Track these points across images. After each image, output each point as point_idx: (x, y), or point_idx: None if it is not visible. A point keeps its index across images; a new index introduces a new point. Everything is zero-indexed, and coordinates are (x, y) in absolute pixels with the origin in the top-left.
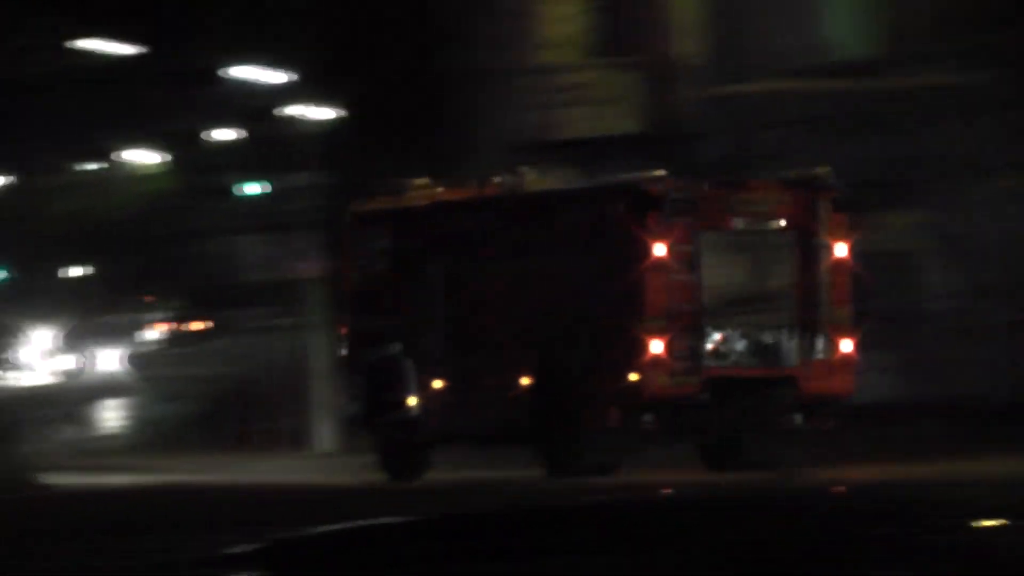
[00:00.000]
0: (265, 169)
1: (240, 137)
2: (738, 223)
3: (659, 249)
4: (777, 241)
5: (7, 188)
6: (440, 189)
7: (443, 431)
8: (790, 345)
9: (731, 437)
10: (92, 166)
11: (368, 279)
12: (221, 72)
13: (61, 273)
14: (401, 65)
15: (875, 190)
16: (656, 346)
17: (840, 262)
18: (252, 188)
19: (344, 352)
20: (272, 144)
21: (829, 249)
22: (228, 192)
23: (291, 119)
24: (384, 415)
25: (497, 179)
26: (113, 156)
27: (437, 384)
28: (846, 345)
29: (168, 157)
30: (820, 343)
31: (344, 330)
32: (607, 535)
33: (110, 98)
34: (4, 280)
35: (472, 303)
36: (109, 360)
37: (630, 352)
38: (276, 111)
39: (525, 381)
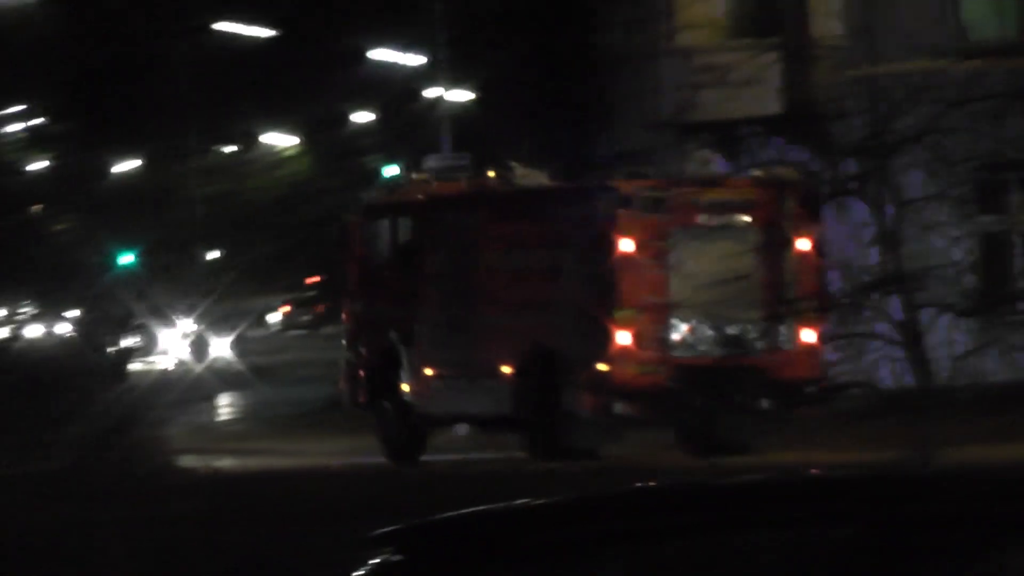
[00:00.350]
0: (402, 151)
1: (378, 119)
2: (705, 219)
3: (628, 245)
4: (743, 236)
5: (146, 170)
6: (435, 183)
7: (434, 416)
8: (756, 335)
9: (705, 423)
10: (231, 149)
11: (369, 269)
12: (359, 55)
13: (199, 257)
14: (538, 47)
15: (1015, 171)
16: (624, 337)
17: (804, 255)
18: (391, 170)
19: (347, 338)
20: (409, 126)
21: (793, 243)
22: (366, 175)
23: (428, 101)
24: (382, 400)
25: (490, 174)
26: (252, 139)
27: (429, 371)
28: (810, 334)
29: (306, 140)
30: (785, 332)
31: (347, 317)
32: (763, 513)
33: (249, 81)
34: (135, 264)
35: (461, 293)
36: (221, 346)
37: (602, 343)
38: (413, 93)
39: (509, 369)
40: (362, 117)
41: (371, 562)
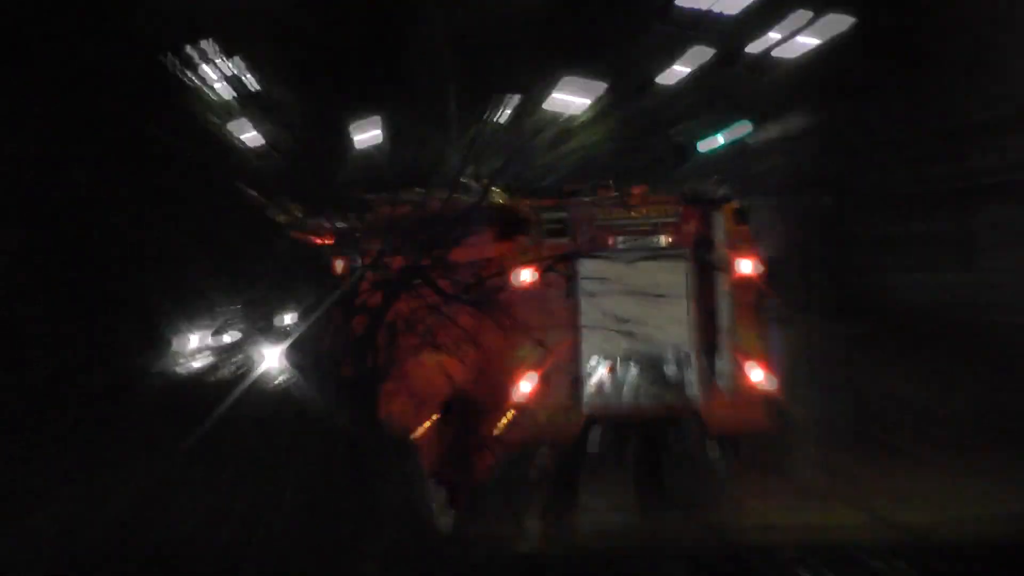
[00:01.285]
0: (718, 121)
1: (689, 83)
2: (621, 242)
3: (526, 275)
4: (667, 260)
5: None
6: (407, 205)
7: None
8: (688, 376)
9: (648, 476)
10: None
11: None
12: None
13: None
14: None
15: None
16: (525, 383)
17: (743, 280)
18: (707, 144)
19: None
20: (728, 90)
21: (730, 266)
22: (674, 147)
23: (750, 59)
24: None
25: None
26: (535, 105)
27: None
28: (755, 373)
29: (601, 105)
30: (722, 371)
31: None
32: None
33: (535, 36)
34: None
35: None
36: None
37: (503, 390)
38: (733, 50)
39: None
40: (670, 79)
41: None
